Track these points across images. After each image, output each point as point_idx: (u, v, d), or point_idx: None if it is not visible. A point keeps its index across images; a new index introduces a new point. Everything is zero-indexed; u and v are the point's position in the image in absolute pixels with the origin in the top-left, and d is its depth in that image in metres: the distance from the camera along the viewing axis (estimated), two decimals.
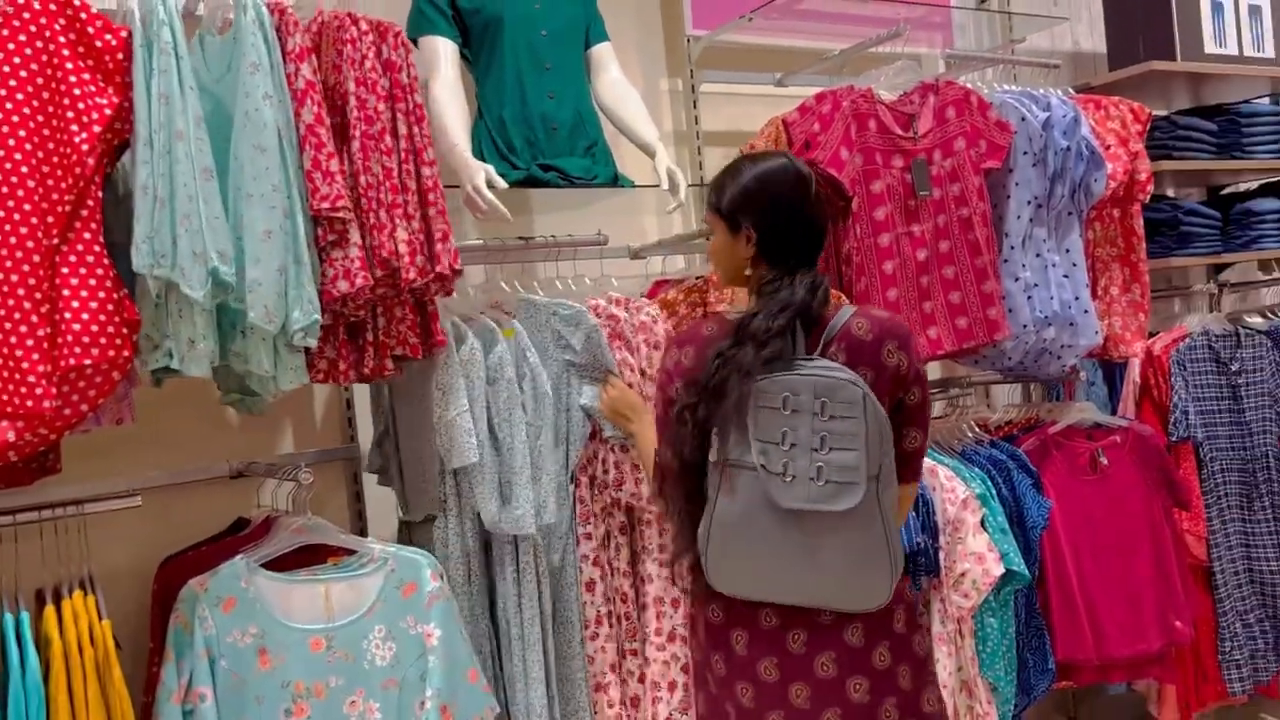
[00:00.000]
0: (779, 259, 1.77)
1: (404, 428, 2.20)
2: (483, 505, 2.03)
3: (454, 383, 2.01)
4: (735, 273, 1.83)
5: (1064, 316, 2.74)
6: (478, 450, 2.02)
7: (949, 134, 2.64)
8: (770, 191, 1.77)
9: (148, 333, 1.72)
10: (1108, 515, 2.84)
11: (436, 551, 2.07)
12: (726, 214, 1.81)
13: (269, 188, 1.74)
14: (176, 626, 1.81)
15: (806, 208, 1.79)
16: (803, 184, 1.79)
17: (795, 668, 1.74)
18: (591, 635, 2.18)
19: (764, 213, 1.77)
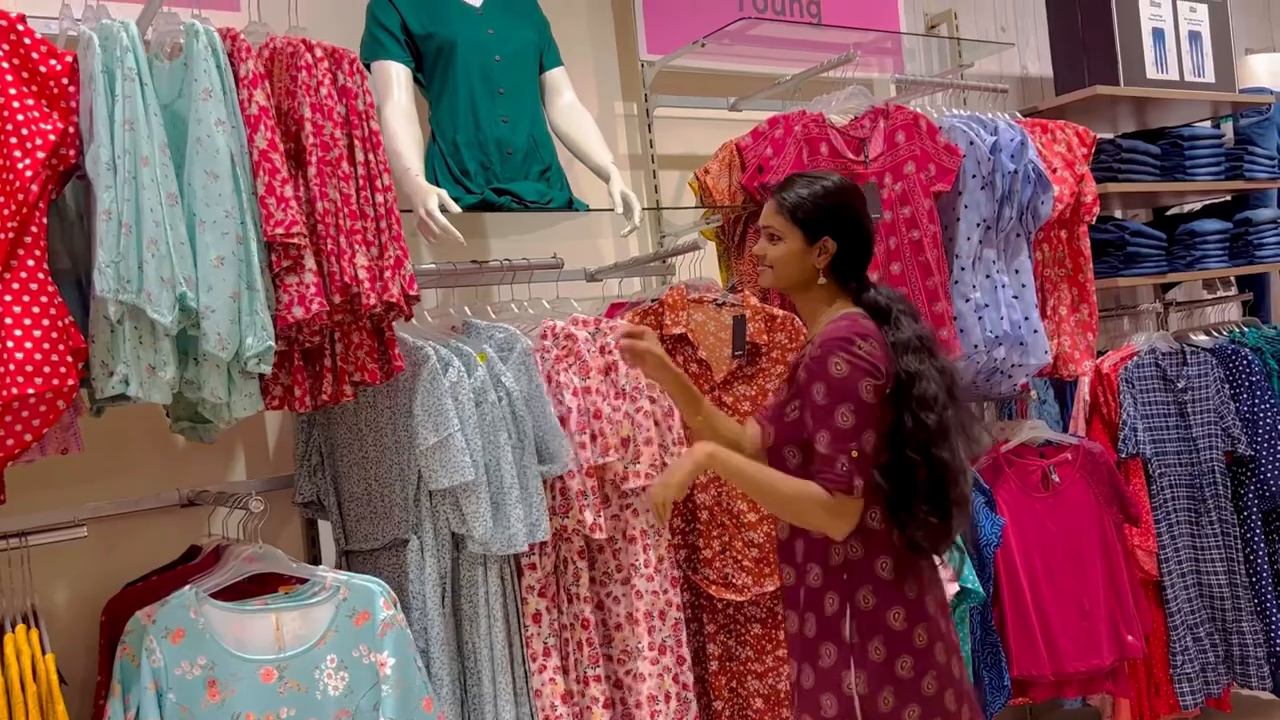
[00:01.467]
0: (848, 272, 1.88)
1: (349, 456, 2.18)
2: (475, 525, 2.02)
3: (442, 405, 2.01)
4: (799, 280, 1.88)
5: (1014, 336, 2.79)
6: (472, 468, 2.01)
7: (899, 158, 2.68)
8: (850, 207, 1.88)
9: (102, 359, 1.69)
10: (1060, 532, 2.88)
11: (410, 575, 2.05)
12: (805, 223, 1.86)
13: (221, 214, 1.73)
14: (123, 659, 1.78)
15: (869, 225, 1.91)
16: (863, 199, 1.92)
17: None
18: (539, 668, 2.15)
19: (846, 225, 1.86)
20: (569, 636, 2.20)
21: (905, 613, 1.80)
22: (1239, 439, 3.24)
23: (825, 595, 1.83)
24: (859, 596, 1.80)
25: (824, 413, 1.74)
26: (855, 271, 1.89)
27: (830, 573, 1.83)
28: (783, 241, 1.89)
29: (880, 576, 1.80)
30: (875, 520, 1.81)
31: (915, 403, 1.78)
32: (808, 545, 1.86)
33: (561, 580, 2.22)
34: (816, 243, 1.86)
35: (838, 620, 1.81)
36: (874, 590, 1.80)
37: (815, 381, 1.76)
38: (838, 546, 1.81)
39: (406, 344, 2.04)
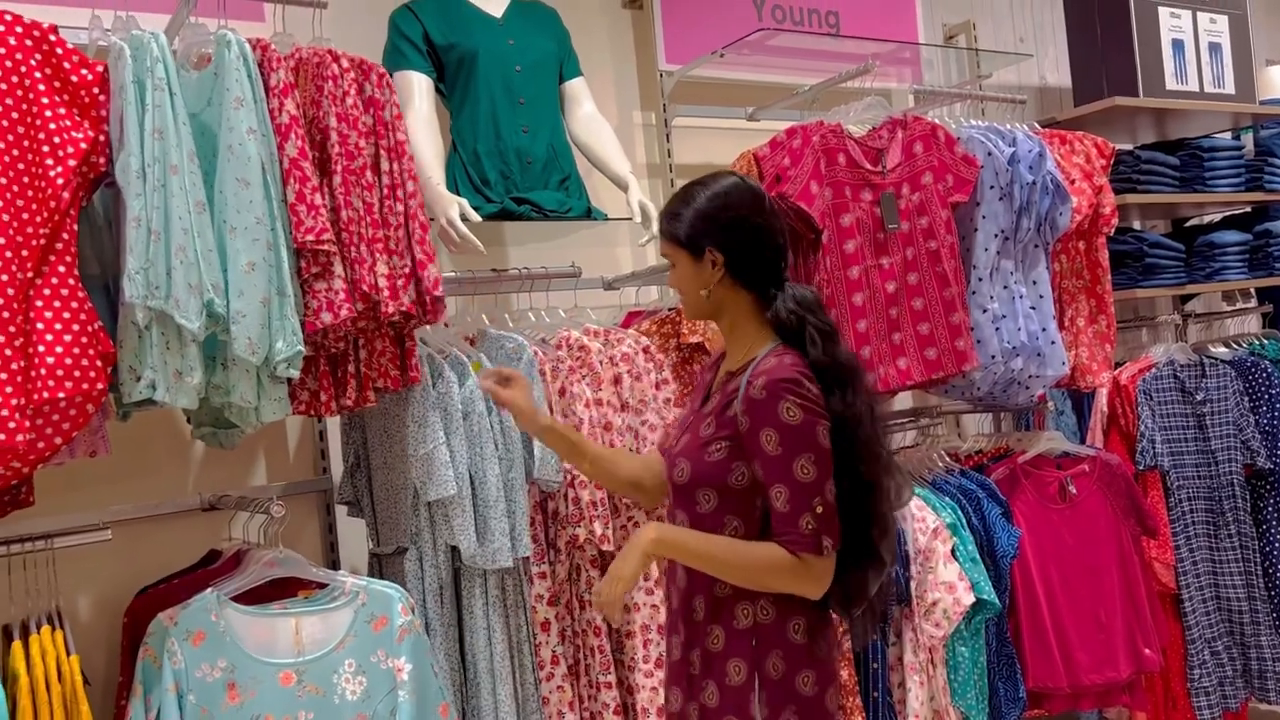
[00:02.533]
0: (751, 279, 1.73)
1: (376, 460, 2.20)
2: (460, 538, 2.03)
3: (429, 416, 2.02)
4: (702, 304, 1.77)
5: (1031, 347, 2.78)
6: (455, 482, 2.01)
7: (917, 168, 2.69)
8: (729, 210, 1.72)
9: (130, 364, 1.71)
10: (1077, 543, 2.87)
11: (409, 584, 2.07)
12: (686, 240, 1.74)
13: (252, 220, 1.75)
14: (145, 660, 1.80)
15: (764, 220, 1.74)
16: (757, 198, 1.75)
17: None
18: (547, 675, 2.17)
19: (726, 231, 1.72)
20: (580, 643, 2.22)
21: (815, 675, 1.68)
22: (1258, 452, 3.23)
23: (729, 662, 1.68)
24: (769, 664, 1.67)
25: (779, 465, 1.61)
26: (763, 278, 1.73)
27: (735, 637, 1.68)
28: (675, 267, 1.78)
29: (793, 641, 1.67)
30: None
31: (844, 451, 1.65)
32: (711, 605, 1.71)
33: (575, 588, 2.23)
34: (704, 257, 1.72)
35: (745, 692, 1.67)
36: (784, 656, 1.67)
37: (764, 428, 1.62)
38: (745, 607, 1.68)
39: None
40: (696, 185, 1.78)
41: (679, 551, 1.71)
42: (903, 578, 2.50)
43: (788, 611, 1.69)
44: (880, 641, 2.53)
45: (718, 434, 1.69)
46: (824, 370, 1.66)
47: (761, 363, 1.68)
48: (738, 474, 1.68)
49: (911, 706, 2.50)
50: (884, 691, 2.53)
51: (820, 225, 2.53)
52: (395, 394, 2.06)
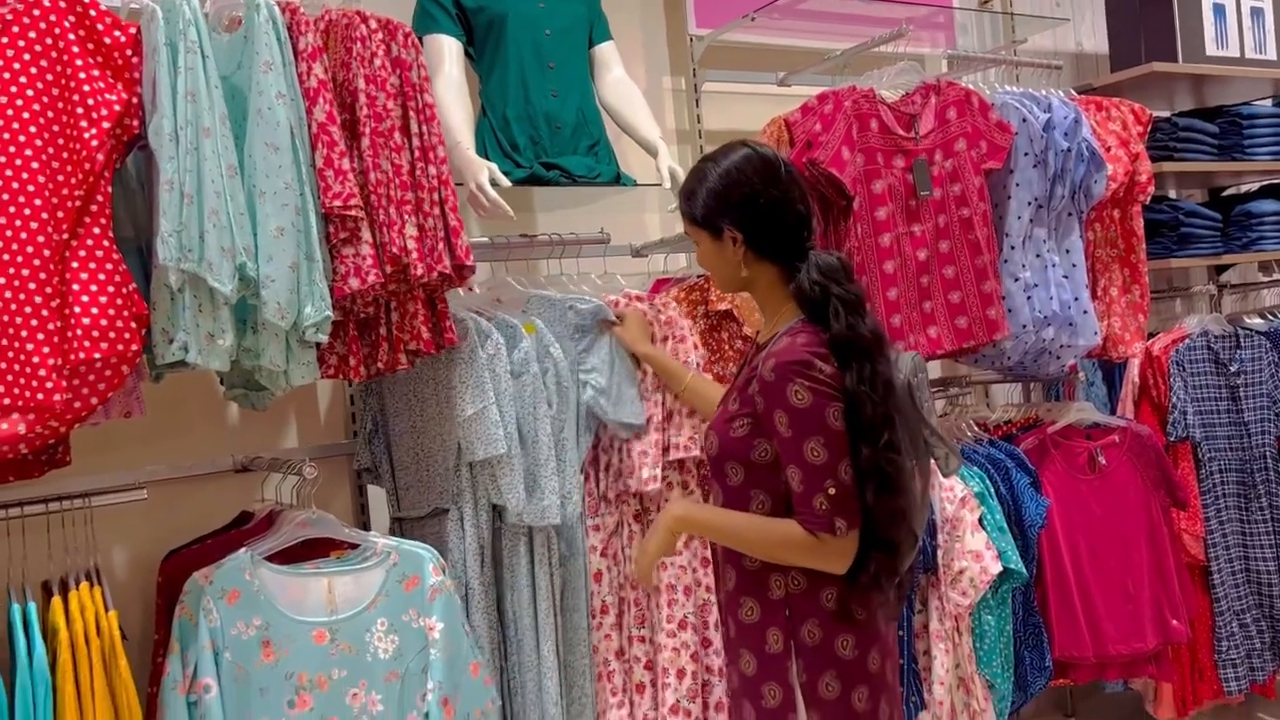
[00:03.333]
0: (773, 251, 1.73)
1: (400, 425, 2.22)
2: (509, 496, 2.05)
3: (479, 377, 2.03)
4: (732, 279, 1.79)
5: (1063, 317, 2.75)
6: (505, 441, 2.03)
7: (950, 134, 2.65)
8: (741, 185, 1.71)
9: (163, 327, 1.73)
10: (1105, 514, 2.86)
11: (450, 543, 2.09)
12: (704, 221, 1.75)
13: (281, 185, 1.76)
14: (181, 618, 1.83)
15: (780, 189, 1.72)
16: (770, 167, 1.72)
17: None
18: (596, 625, 2.21)
19: (741, 208, 1.71)
20: (621, 596, 2.25)
21: (855, 639, 1.69)
22: None
23: (767, 631, 1.72)
24: (804, 632, 1.69)
25: (792, 447, 1.63)
26: (786, 250, 1.72)
27: (770, 608, 1.72)
28: (699, 246, 1.80)
29: (826, 608, 1.69)
30: None
31: (854, 431, 1.64)
32: (740, 576, 1.75)
33: (618, 541, 2.26)
34: (722, 237, 1.73)
35: (783, 660, 1.70)
36: (820, 623, 1.69)
37: (776, 409, 1.64)
38: (777, 578, 1.70)
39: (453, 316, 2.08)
40: (708, 161, 1.77)
41: (702, 528, 1.78)
42: (929, 546, 2.50)
43: (819, 580, 1.70)
44: (906, 609, 2.54)
45: (740, 410, 1.72)
46: (842, 345, 1.65)
47: (777, 342, 1.69)
48: (760, 450, 1.70)
49: (936, 674, 2.51)
50: (909, 659, 2.53)
51: (851, 192, 2.51)
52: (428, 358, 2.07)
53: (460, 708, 1.88)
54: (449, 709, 1.86)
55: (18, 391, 1.60)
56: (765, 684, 1.73)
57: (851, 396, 1.63)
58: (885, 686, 1.74)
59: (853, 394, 1.63)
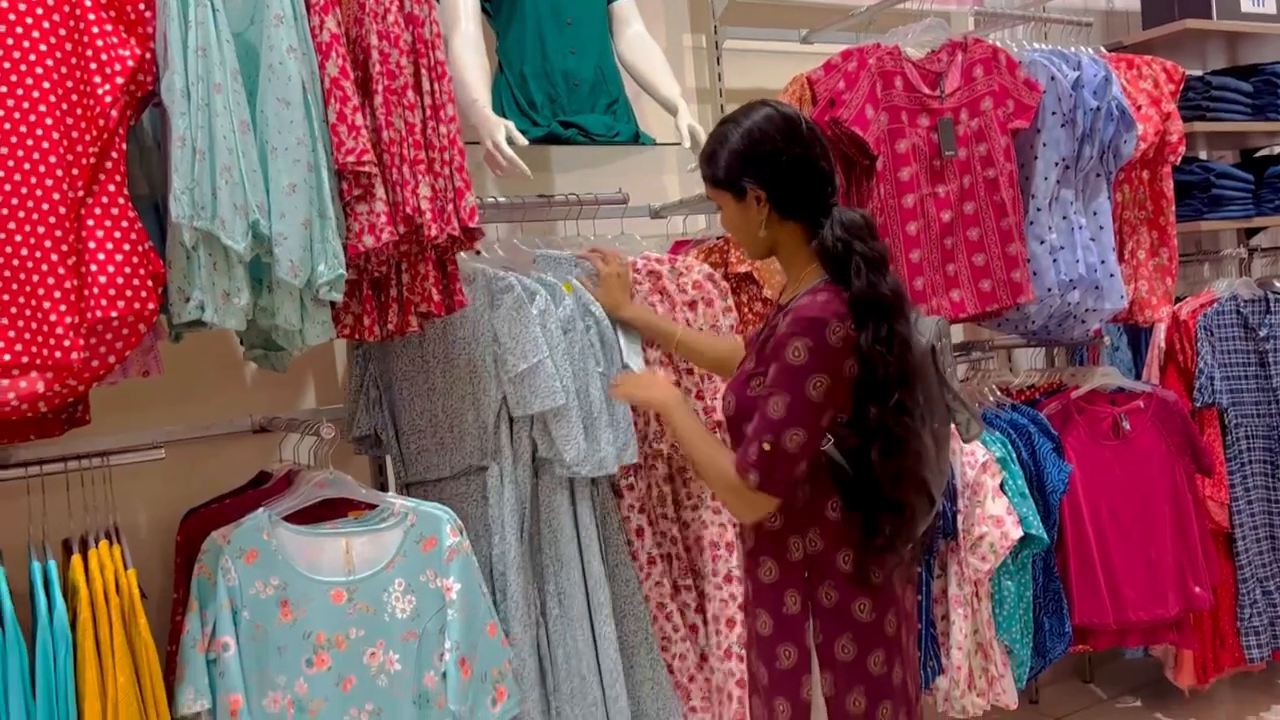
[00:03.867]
0: (798, 210, 1.71)
1: (415, 388, 2.20)
2: (566, 448, 2.05)
3: (532, 333, 2.03)
4: (758, 243, 1.76)
5: (1089, 280, 2.72)
6: (564, 393, 2.03)
7: (977, 93, 2.60)
8: (763, 144, 1.69)
9: (179, 285, 1.71)
10: (1129, 480, 2.83)
11: (490, 500, 2.09)
12: (726, 182, 1.73)
13: (293, 141, 1.73)
14: (200, 577, 1.84)
15: (803, 146, 1.69)
16: (791, 125, 1.70)
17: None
18: (646, 575, 2.23)
19: (764, 167, 1.69)
20: (663, 552, 2.27)
21: (872, 602, 1.69)
22: None
23: (785, 592, 1.72)
24: (821, 594, 1.69)
25: (765, 395, 1.64)
26: (810, 208, 1.70)
27: (789, 569, 1.72)
28: (722, 209, 1.78)
29: (843, 570, 1.69)
30: (835, 511, 1.69)
31: (865, 390, 1.63)
32: (759, 536, 1.76)
33: (649, 502, 2.27)
34: (746, 197, 1.71)
35: (800, 620, 1.71)
36: (836, 585, 1.69)
37: (774, 360, 1.64)
38: (795, 540, 1.71)
39: (487, 275, 2.07)
40: (729, 123, 1.75)
41: (673, 425, 1.83)
42: (950, 511, 2.48)
43: (836, 543, 1.70)
44: (925, 574, 2.52)
45: (756, 369, 1.70)
46: (862, 303, 1.63)
47: (799, 300, 1.68)
48: None
49: (955, 639, 2.50)
50: (928, 623, 2.53)
51: (875, 151, 2.47)
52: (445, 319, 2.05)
53: (478, 667, 1.89)
54: (466, 668, 1.87)
55: (35, 350, 1.59)
56: (781, 645, 1.73)
57: (865, 355, 1.62)
58: (901, 650, 1.74)
59: (867, 352, 1.62)
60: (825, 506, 1.70)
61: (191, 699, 1.76)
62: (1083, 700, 3.45)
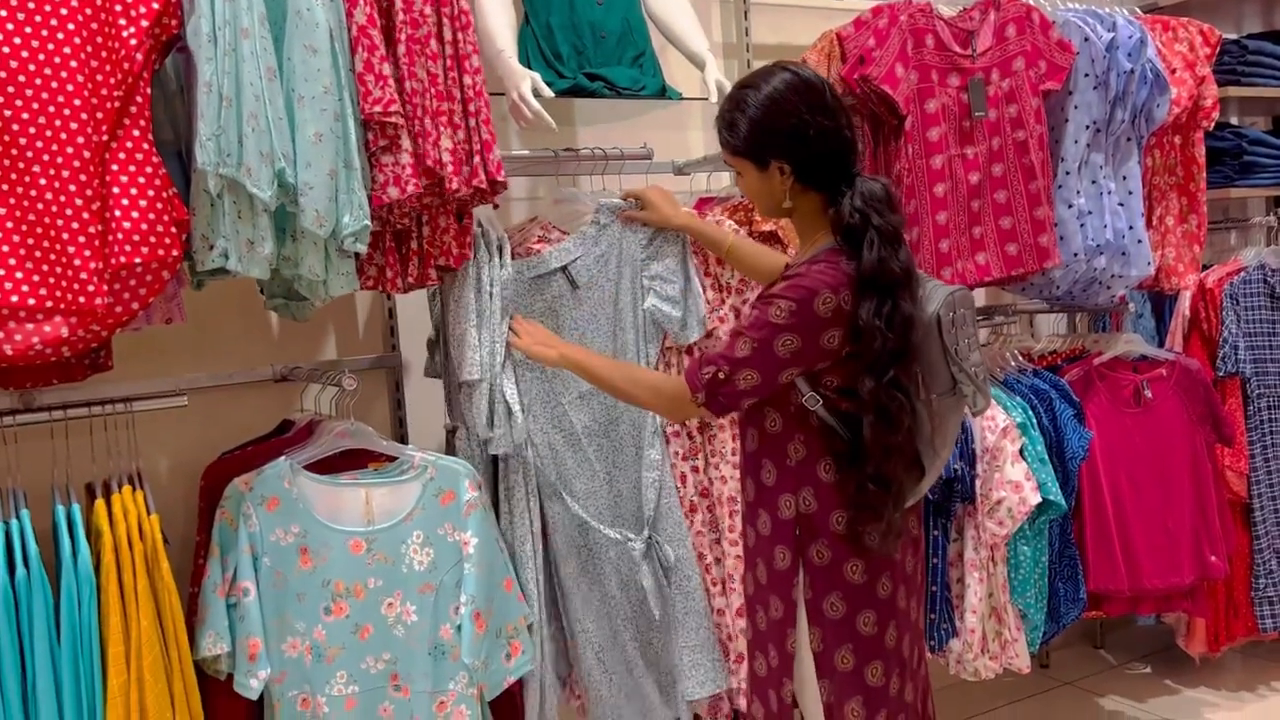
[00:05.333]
0: (822, 180, 1.69)
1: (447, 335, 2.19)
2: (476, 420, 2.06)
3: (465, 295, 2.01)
4: (776, 208, 1.75)
5: (1116, 246, 2.68)
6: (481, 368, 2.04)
7: (1008, 53, 2.56)
8: (788, 114, 1.65)
9: (203, 233, 1.71)
10: (1149, 448, 2.82)
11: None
12: (748, 152, 1.70)
13: (320, 89, 1.72)
14: (222, 523, 1.86)
15: (829, 116, 1.66)
16: (815, 92, 1.67)
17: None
18: (690, 523, 2.25)
19: (789, 138, 1.66)
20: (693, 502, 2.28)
21: (864, 565, 1.71)
22: None
23: (775, 548, 1.76)
24: (812, 551, 1.72)
25: (735, 331, 1.68)
26: (834, 175, 1.68)
27: (780, 525, 1.75)
28: (742, 176, 1.76)
29: (835, 530, 1.71)
30: (827, 473, 1.71)
31: (862, 362, 1.65)
32: (758, 490, 1.79)
33: (685, 449, 2.28)
34: (768, 168, 1.69)
35: (790, 576, 1.75)
36: (829, 545, 1.72)
37: (756, 308, 1.67)
38: (788, 499, 1.73)
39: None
40: (747, 89, 1.71)
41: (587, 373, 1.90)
42: (968, 475, 2.47)
43: (830, 502, 1.72)
44: (941, 537, 2.52)
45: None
46: (869, 277, 1.63)
47: (798, 266, 1.69)
48: None
49: (969, 602, 2.50)
50: (943, 586, 2.53)
51: (904, 111, 2.43)
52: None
53: (492, 622, 1.90)
54: (480, 623, 1.88)
55: (60, 294, 1.60)
56: (771, 595, 1.79)
57: (862, 329, 1.63)
58: (896, 612, 1.75)
59: (864, 326, 1.63)
60: (819, 467, 1.72)
61: (211, 641, 1.79)
62: (1093, 665, 3.46)
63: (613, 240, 2.20)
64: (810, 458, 1.72)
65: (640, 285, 2.20)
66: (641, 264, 2.20)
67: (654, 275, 2.20)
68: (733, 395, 1.69)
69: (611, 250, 2.20)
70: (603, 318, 2.18)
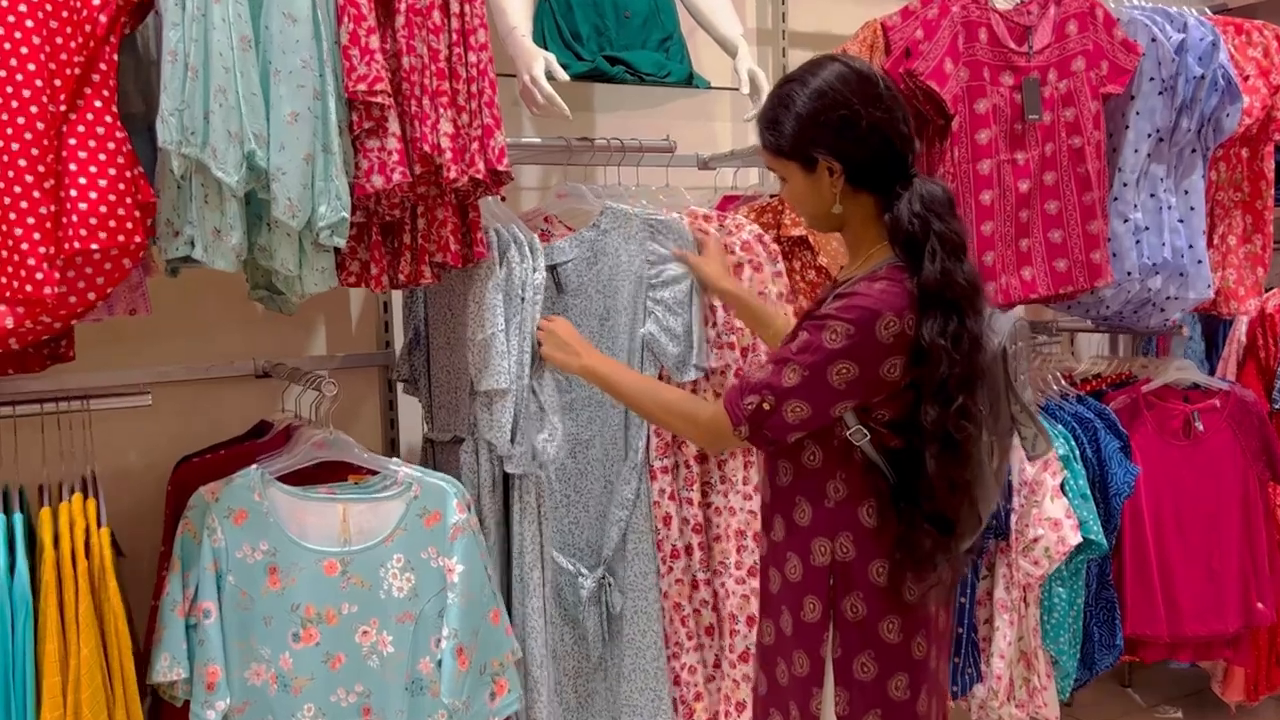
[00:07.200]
0: (876, 181, 1.51)
1: (438, 339, 2.03)
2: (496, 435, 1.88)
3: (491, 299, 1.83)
4: (827, 217, 1.56)
5: (1174, 265, 2.49)
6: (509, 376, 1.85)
7: (1068, 51, 2.36)
8: (837, 106, 1.48)
9: (168, 217, 1.56)
10: (1197, 485, 2.63)
11: (464, 477, 1.92)
12: (794, 152, 1.52)
13: (298, 63, 1.54)
14: (185, 535, 1.70)
15: (883, 109, 1.49)
16: (868, 84, 1.50)
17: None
18: (667, 569, 2.06)
19: (839, 135, 1.48)
20: (687, 542, 2.10)
21: (901, 621, 1.53)
22: None
23: (805, 597, 1.57)
24: (846, 605, 1.54)
25: (782, 358, 1.49)
26: (889, 175, 1.50)
27: (812, 573, 1.56)
28: (786, 182, 1.57)
29: (874, 582, 1.53)
30: (870, 517, 1.52)
31: (923, 389, 1.45)
32: (789, 530, 1.60)
33: (675, 485, 2.08)
34: (816, 169, 1.51)
35: (819, 631, 1.56)
36: (865, 598, 1.53)
37: (809, 331, 1.47)
38: (823, 544, 1.54)
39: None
40: (793, 83, 1.53)
41: (614, 389, 1.75)
42: (1003, 509, 2.28)
43: (869, 551, 1.53)
44: (970, 574, 2.34)
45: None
46: (932, 292, 1.44)
47: (853, 285, 1.50)
48: None
49: (998, 646, 2.32)
50: (970, 628, 2.35)
51: (951, 110, 2.24)
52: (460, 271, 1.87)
53: (476, 658, 1.73)
54: (464, 658, 1.71)
55: (4, 282, 1.44)
56: (796, 650, 1.60)
57: (927, 350, 1.44)
58: (928, 675, 1.58)
59: (929, 347, 1.44)
60: (860, 510, 1.53)
61: (167, 665, 1.63)
62: (1120, 707, 3.27)
63: (612, 248, 2.02)
64: (851, 499, 1.53)
65: (643, 306, 2.00)
66: (649, 283, 2.00)
67: (659, 300, 1.99)
68: (780, 429, 1.51)
69: (608, 259, 2.02)
70: (586, 330, 2.00)
